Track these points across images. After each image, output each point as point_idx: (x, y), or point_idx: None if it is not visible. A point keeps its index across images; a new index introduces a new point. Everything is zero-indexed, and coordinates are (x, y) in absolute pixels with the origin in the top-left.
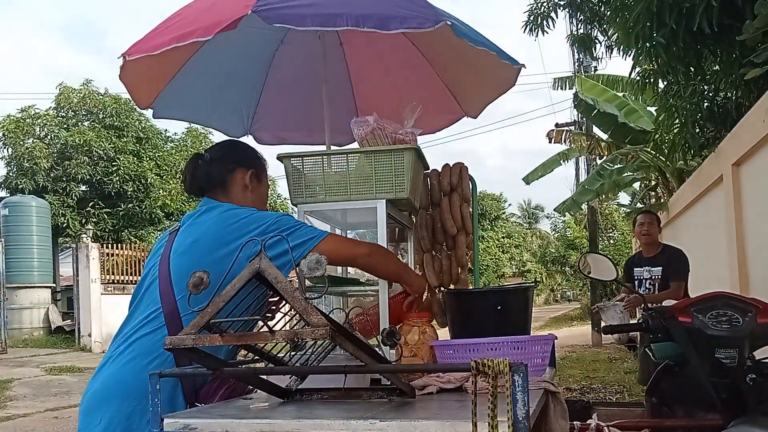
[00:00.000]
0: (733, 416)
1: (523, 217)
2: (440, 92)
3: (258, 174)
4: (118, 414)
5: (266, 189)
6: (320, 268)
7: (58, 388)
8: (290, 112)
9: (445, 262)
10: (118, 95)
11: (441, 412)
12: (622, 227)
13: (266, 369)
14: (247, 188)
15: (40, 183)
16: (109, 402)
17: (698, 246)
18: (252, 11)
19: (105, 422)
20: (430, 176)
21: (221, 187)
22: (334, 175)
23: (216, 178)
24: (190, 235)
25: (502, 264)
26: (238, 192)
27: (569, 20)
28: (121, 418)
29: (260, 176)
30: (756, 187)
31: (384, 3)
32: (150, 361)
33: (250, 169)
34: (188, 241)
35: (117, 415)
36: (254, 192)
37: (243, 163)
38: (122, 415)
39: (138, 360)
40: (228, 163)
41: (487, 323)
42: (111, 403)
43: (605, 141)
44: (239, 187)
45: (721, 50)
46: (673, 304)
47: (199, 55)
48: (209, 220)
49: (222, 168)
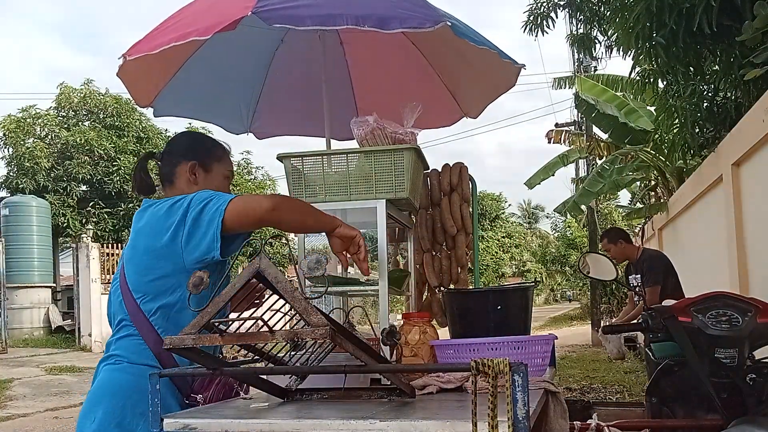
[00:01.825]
0: (733, 416)
1: (523, 217)
2: (440, 92)
3: (204, 164)
4: (111, 409)
5: (220, 177)
6: (320, 268)
7: (58, 388)
8: (290, 110)
9: (445, 262)
10: (118, 95)
11: (441, 412)
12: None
13: (266, 369)
14: (191, 181)
15: (40, 183)
16: (100, 401)
17: (698, 246)
18: (252, 12)
19: (98, 419)
20: (430, 176)
21: (169, 183)
22: (334, 175)
23: (164, 174)
24: (131, 240)
25: (502, 264)
26: (184, 186)
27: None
28: (115, 413)
29: (207, 166)
30: (756, 187)
31: (384, 3)
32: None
33: (191, 161)
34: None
35: (110, 410)
36: (202, 183)
37: (186, 155)
38: (115, 410)
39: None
40: (172, 158)
41: (487, 323)
42: (102, 401)
43: (605, 141)
44: (184, 181)
45: (721, 50)
46: (673, 304)
47: (200, 54)
48: (143, 221)
49: (167, 163)
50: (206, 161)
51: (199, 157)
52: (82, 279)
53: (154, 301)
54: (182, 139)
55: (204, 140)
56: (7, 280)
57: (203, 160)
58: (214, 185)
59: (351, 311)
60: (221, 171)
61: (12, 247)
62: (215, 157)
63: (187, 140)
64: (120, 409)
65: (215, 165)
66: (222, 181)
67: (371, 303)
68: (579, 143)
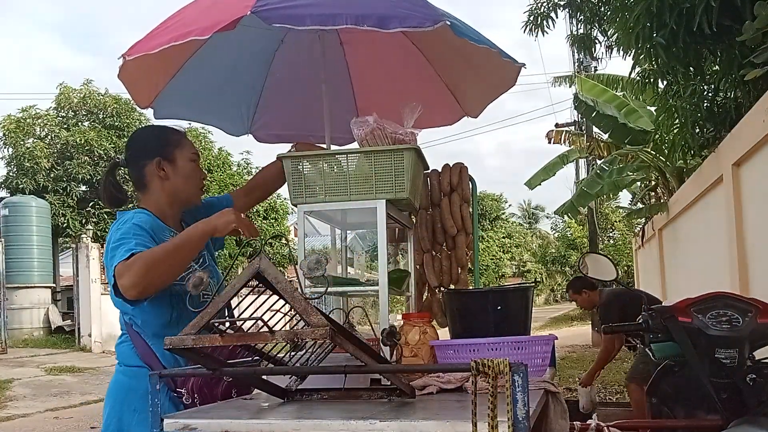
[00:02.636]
0: (733, 416)
1: (523, 217)
2: (440, 92)
3: (168, 157)
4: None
5: (187, 164)
6: (320, 268)
7: (58, 388)
8: (290, 111)
9: (445, 262)
10: (118, 95)
11: (441, 412)
12: (621, 227)
13: (266, 369)
14: (162, 178)
15: (40, 183)
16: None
17: (698, 246)
18: (251, 12)
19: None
20: (430, 176)
21: (142, 187)
22: (334, 175)
23: (135, 180)
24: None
25: (502, 264)
26: (157, 186)
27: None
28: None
29: (172, 158)
30: (756, 187)
31: (384, 2)
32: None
33: (155, 158)
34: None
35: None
36: (172, 177)
37: (147, 155)
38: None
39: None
40: (137, 161)
41: (487, 323)
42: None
43: (605, 141)
44: (156, 181)
45: (721, 50)
46: (673, 304)
47: (199, 55)
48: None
49: (134, 168)
50: (167, 152)
51: (160, 151)
52: (81, 279)
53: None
54: (137, 139)
55: (157, 132)
56: (6, 280)
57: (164, 152)
58: (184, 173)
59: (351, 311)
60: (185, 156)
61: (12, 248)
62: (174, 145)
63: (142, 138)
64: (119, 407)
65: (177, 153)
66: (191, 167)
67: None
68: (579, 143)
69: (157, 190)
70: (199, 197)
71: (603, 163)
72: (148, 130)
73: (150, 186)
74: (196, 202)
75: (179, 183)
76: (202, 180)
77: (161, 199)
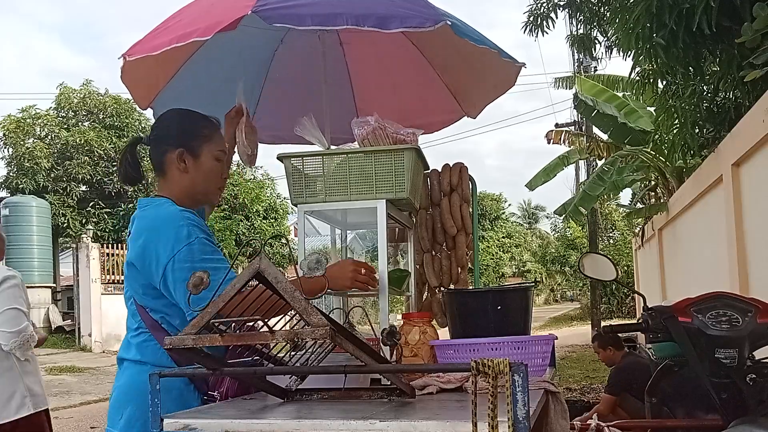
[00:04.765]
0: (733, 416)
1: (523, 217)
2: (440, 92)
3: (191, 150)
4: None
5: (211, 161)
6: (320, 268)
7: (58, 388)
8: (290, 112)
9: (445, 262)
10: (118, 95)
11: (441, 412)
12: (621, 227)
13: (266, 369)
14: (180, 170)
15: (40, 183)
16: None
17: (698, 246)
18: (252, 11)
19: (126, 416)
20: (430, 176)
21: (160, 172)
22: (334, 175)
23: (154, 163)
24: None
25: (502, 264)
26: (174, 176)
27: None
28: (140, 412)
29: (196, 152)
30: (756, 187)
31: (384, 2)
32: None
33: (178, 148)
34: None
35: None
36: (191, 171)
37: (172, 142)
38: (140, 409)
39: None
40: (159, 145)
41: (487, 323)
42: (131, 401)
43: (605, 141)
44: (174, 171)
45: (721, 51)
46: (673, 304)
47: (199, 55)
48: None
49: (156, 151)
50: (194, 146)
51: (186, 143)
52: (82, 279)
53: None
54: (167, 121)
55: (189, 119)
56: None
57: (190, 145)
58: (205, 171)
59: (351, 311)
60: (211, 153)
61: (12, 248)
62: (203, 139)
63: (171, 123)
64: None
65: (204, 148)
66: (213, 166)
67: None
68: (579, 144)
69: (174, 179)
70: (218, 197)
71: (604, 164)
72: (178, 114)
73: (168, 174)
74: (214, 201)
75: (198, 180)
76: (223, 180)
77: (177, 190)
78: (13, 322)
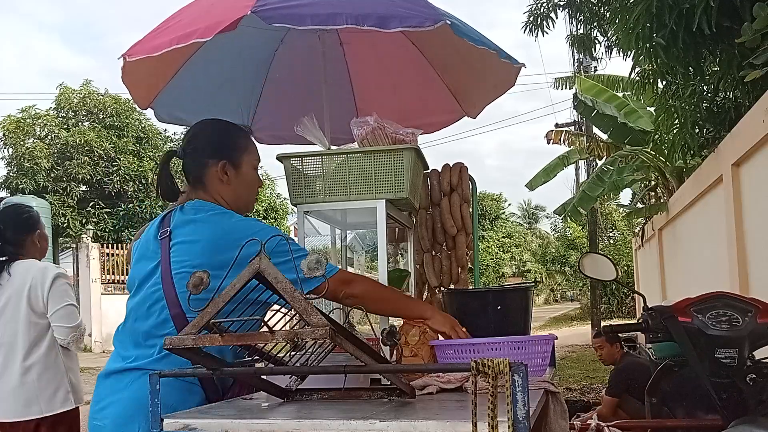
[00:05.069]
0: (733, 416)
1: (523, 217)
2: (440, 92)
3: (233, 162)
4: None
5: (250, 171)
6: (320, 268)
7: None
8: (290, 112)
9: (445, 262)
10: (117, 95)
11: (441, 412)
12: (622, 227)
13: (266, 369)
14: (223, 181)
15: (40, 183)
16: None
17: (698, 246)
18: (252, 11)
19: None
20: (430, 176)
21: (198, 184)
22: (334, 175)
23: (192, 176)
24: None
25: (502, 264)
26: (215, 188)
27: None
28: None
29: (237, 163)
30: (756, 187)
31: (384, 2)
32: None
33: (221, 160)
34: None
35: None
36: (233, 182)
37: (213, 155)
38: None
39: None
40: (198, 157)
41: (487, 323)
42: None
43: (604, 141)
44: (215, 181)
45: (721, 51)
46: (673, 304)
47: (199, 55)
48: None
49: (194, 163)
50: (235, 157)
51: (228, 155)
52: (82, 279)
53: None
54: (204, 133)
55: (228, 132)
56: None
57: (231, 155)
58: (246, 181)
59: (351, 311)
60: (250, 162)
61: None
62: (243, 150)
63: (211, 135)
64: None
65: (244, 158)
66: (253, 175)
67: None
68: (579, 144)
69: (215, 191)
70: (253, 206)
71: (604, 164)
72: (215, 125)
73: (209, 185)
74: (251, 209)
75: (241, 190)
76: (259, 188)
77: (221, 201)
78: (70, 317)
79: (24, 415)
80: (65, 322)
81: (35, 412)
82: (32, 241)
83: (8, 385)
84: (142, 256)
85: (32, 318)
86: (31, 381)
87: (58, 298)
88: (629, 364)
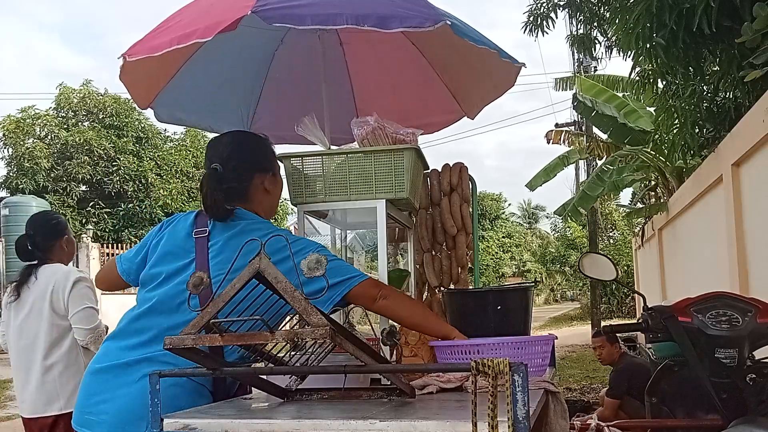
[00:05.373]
0: (733, 416)
1: (523, 217)
2: (440, 92)
3: (274, 173)
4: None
5: (281, 181)
6: (320, 268)
7: None
8: (290, 112)
9: (445, 262)
10: (117, 95)
11: (441, 412)
12: (622, 227)
13: (266, 369)
14: (267, 192)
15: (40, 183)
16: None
17: (698, 246)
18: (252, 11)
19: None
20: (430, 176)
21: (241, 197)
22: (334, 175)
23: (236, 190)
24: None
25: (502, 264)
26: (259, 200)
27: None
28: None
29: (275, 173)
30: (756, 187)
31: (384, 2)
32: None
33: (269, 172)
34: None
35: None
36: (272, 193)
37: (259, 169)
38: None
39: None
40: (243, 171)
41: (487, 323)
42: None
43: (604, 141)
44: (260, 194)
45: (721, 51)
46: (673, 304)
47: (199, 55)
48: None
49: (237, 177)
50: (275, 168)
51: (271, 168)
52: None
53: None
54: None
55: (266, 145)
56: (6, 280)
57: (274, 169)
58: (280, 189)
59: (351, 311)
60: (281, 177)
61: (12, 248)
62: (277, 160)
63: (254, 149)
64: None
65: (277, 168)
66: (282, 183)
67: None
68: (579, 144)
69: (257, 203)
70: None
71: (603, 164)
72: (253, 139)
73: (252, 198)
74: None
75: (276, 199)
76: None
77: (263, 212)
78: (89, 319)
79: (45, 411)
80: (84, 324)
81: (56, 409)
82: (60, 246)
83: (31, 383)
84: (170, 252)
85: (54, 319)
86: (52, 379)
87: (78, 301)
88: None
